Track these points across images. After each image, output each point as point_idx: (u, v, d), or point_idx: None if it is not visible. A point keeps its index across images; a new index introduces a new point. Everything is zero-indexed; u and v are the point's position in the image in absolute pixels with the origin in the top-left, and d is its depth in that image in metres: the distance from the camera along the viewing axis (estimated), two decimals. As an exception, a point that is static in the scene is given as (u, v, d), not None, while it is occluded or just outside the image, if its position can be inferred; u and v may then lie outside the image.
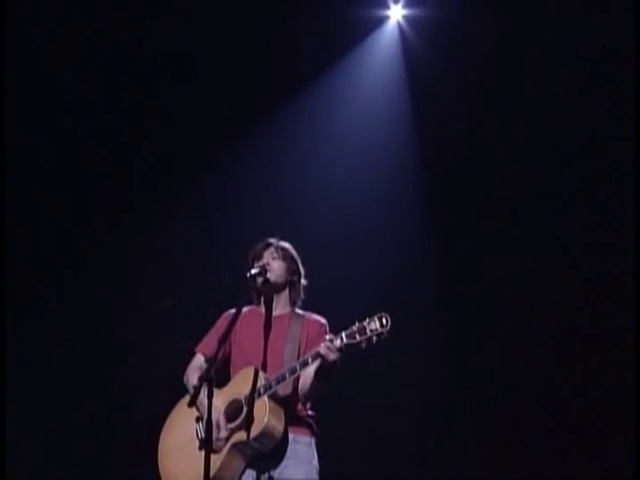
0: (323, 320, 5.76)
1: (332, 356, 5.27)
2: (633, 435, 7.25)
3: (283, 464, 5.48)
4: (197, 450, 5.53)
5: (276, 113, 8.32)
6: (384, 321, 5.25)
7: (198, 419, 5.59)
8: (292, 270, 5.78)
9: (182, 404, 5.76)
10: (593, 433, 7.70)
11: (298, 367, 5.41)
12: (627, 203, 7.50)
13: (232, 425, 5.42)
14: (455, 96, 8.03)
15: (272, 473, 5.48)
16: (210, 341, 5.80)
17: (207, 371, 5.15)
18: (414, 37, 8.39)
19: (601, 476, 7.54)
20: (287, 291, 5.80)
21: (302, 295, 5.83)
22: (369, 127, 8.27)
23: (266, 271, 5.62)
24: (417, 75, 8.29)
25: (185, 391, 5.79)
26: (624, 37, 7.52)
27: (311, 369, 5.41)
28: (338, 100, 8.40)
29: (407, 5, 8.40)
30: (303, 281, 5.83)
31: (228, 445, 5.43)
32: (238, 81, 8.39)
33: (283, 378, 5.42)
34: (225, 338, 5.32)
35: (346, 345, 5.26)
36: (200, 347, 5.85)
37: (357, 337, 5.25)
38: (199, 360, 5.81)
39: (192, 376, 5.72)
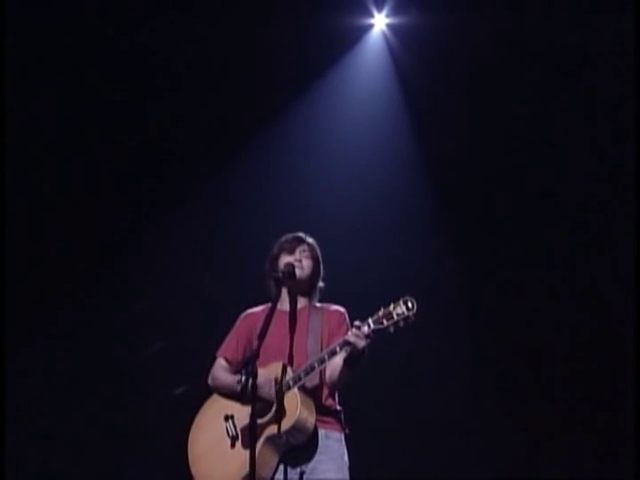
0: (342, 309, 5.79)
1: (361, 343, 5.28)
2: (633, 435, 7.29)
3: (315, 459, 5.49)
4: (229, 448, 5.56)
5: (269, 122, 8.43)
6: (409, 304, 5.28)
7: (227, 418, 5.59)
8: (316, 272, 5.79)
9: (207, 407, 5.78)
10: (593, 433, 7.80)
11: (327, 356, 5.41)
12: (627, 201, 7.62)
13: (264, 420, 5.39)
14: (446, 100, 8.19)
15: (304, 468, 5.49)
16: (230, 344, 5.81)
17: (250, 365, 5.14)
18: (399, 45, 8.54)
19: (601, 476, 7.61)
20: (307, 290, 5.79)
21: (317, 296, 5.84)
22: (364, 131, 8.42)
23: (294, 268, 5.62)
24: (407, 81, 8.44)
25: (207, 395, 5.78)
26: (615, 39, 7.75)
27: (338, 358, 5.42)
28: (329, 110, 8.52)
29: (391, 13, 8.53)
30: (321, 283, 5.84)
31: (262, 440, 5.41)
32: (226, 92, 8.48)
33: (312, 369, 5.43)
34: (264, 333, 5.26)
35: (374, 331, 5.28)
36: (221, 351, 5.83)
37: (384, 322, 5.28)
38: (221, 364, 5.79)
39: (218, 377, 5.72)
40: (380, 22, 8.59)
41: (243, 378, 5.16)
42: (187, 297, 8.36)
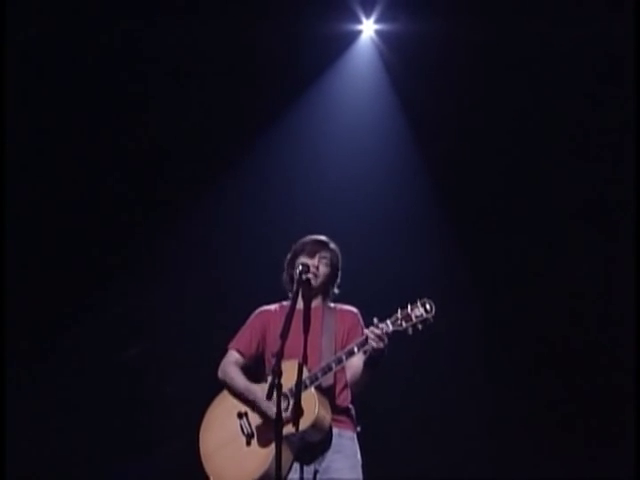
0: (355, 310, 5.83)
1: (379, 344, 5.34)
2: (633, 435, 7.37)
3: (329, 458, 5.53)
4: (245, 446, 5.59)
5: (265, 130, 8.52)
6: (428, 307, 5.36)
7: (241, 415, 5.62)
8: (332, 278, 5.82)
9: (218, 402, 5.78)
10: (593, 433, 7.89)
11: (344, 357, 5.46)
12: (627, 200, 7.76)
13: None
14: (440, 102, 8.29)
15: (317, 467, 5.53)
16: (243, 337, 5.83)
17: (276, 364, 5.13)
18: (389, 50, 8.63)
19: (601, 476, 7.68)
20: (320, 292, 5.83)
21: (330, 301, 5.88)
22: (360, 136, 8.54)
23: (315, 275, 5.65)
24: (400, 85, 8.55)
25: (218, 389, 5.80)
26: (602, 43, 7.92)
27: (356, 360, 5.50)
28: (323, 116, 8.62)
29: (379, 20, 8.60)
30: (336, 290, 5.88)
31: None
32: (217, 100, 8.54)
33: (329, 369, 5.47)
34: (286, 333, 5.23)
35: (393, 332, 5.35)
36: (234, 344, 5.84)
37: (403, 324, 5.35)
38: (233, 356, 5.79)
39: (230, 372, 5.73)
40: (368, 28, 8.65)
41: (269, 377, 5.19)
42: (189, 297, 8.43)
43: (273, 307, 5.88)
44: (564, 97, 8.13)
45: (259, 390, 5.55)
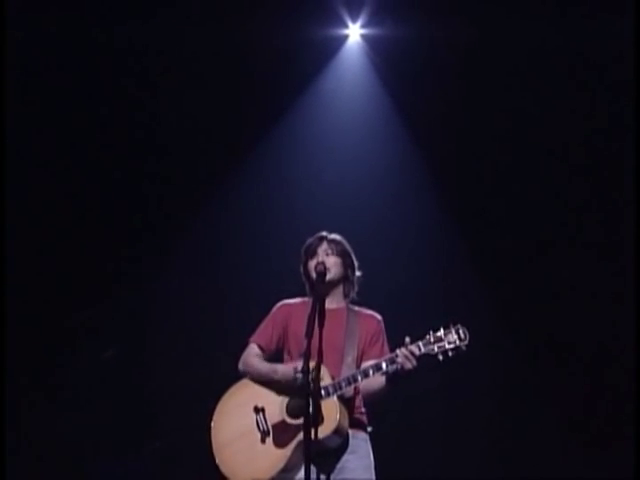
0: (378, 316, 5.83)
1: (409, 365, 5.39)
2: (633, 435, 7.45)
3: (344, 459, 5.55)
4: (259, 443, 5.53)
5: (257, 138, 8.56)
6: (462, 334, 5.37)
7: (257, 410, 5.58)
8: (346, 265, 5.79)
9: (234, 392, 5.73)
10: (593, 433, 8.01)
11: (371, 371, 5.45)
12: (629, 200, 7.86)
13: (298, 422, 5.38)
14: (435, 102, 8.39)
15: (332, 468, 5.53)
16: (265, 331, 5.81)
17: (305, 364, 5.09)
18: (374, 55, 8.69)
19: (601, 476, 7.78)
20: (341, 285, 5.81)
21: (356, 288, 5.84)
22: (357, 140, 8.63)
23: (325, 270, 5.56)
24: (392, 88, 8.64)
25: (233, 380, 5.79)
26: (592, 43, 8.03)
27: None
28: (318, 121, 8.68)
29: (366, 24, 8.65)
30: (357, 273, 5.84)
31: (295, 442, 5.45)
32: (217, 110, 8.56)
33: (355, 380, 5.46)
34: (311, 333, 5.17)
35: (423, 354, 5.40)
36: (255, 337, 5.83)
37: (435, 349, 5.38)
38: (254, 349, 5.78)
39: (252, 362, 5.72)
40: (355, 33, 8.71)
41: (299, 375, 5.16)
42: (189, 297, 8.49)
43: (295, 301, 5.86)
44: (556, 97, 8.24)
45: (286, 368, 5.56)
